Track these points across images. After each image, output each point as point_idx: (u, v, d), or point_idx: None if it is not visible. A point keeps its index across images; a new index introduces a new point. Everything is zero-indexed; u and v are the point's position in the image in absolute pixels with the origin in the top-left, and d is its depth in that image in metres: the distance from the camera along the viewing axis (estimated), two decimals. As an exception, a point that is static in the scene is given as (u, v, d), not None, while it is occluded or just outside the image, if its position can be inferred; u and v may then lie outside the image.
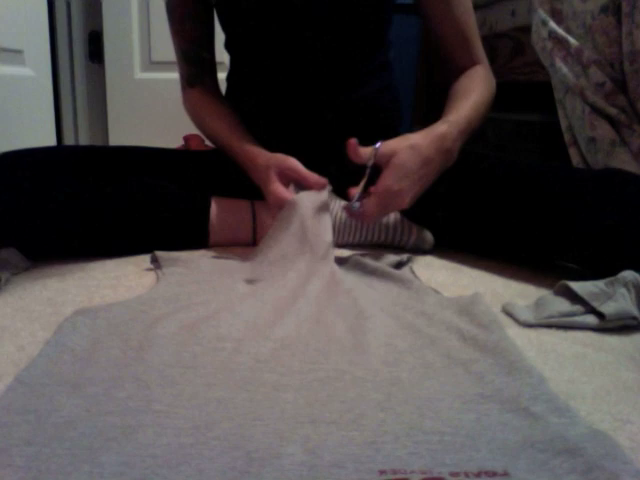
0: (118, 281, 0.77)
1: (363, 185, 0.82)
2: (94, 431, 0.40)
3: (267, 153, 0.90)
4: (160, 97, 2.13)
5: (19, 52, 1.64)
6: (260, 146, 0.93)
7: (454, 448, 0.39)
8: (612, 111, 1.09)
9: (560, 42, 1.19)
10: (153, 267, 0.81)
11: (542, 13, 1.25)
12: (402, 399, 0.46)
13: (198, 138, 1.80)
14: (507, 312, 0.68)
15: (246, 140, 0.95)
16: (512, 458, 0.38)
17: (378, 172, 0.81)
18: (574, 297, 0.66)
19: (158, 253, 0.82)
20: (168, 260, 0.80)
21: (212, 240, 0.94)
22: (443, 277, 0.82)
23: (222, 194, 0.96)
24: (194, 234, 0.93)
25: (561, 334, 0.63)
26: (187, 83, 1.05)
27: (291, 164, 0.86)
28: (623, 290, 0.64)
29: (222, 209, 0.94)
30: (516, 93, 1.65)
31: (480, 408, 0.45)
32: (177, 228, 0.91)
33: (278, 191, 0.84)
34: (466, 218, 0.91)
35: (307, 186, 0.85)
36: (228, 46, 1.06)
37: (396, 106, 1.11)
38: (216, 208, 0.94)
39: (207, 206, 0.93)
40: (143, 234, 0.89)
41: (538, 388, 0.47)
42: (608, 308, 0.63)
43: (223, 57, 1.10)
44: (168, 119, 1.96)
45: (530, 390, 0.47)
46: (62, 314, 0.61)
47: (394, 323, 0.60)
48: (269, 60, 1.00)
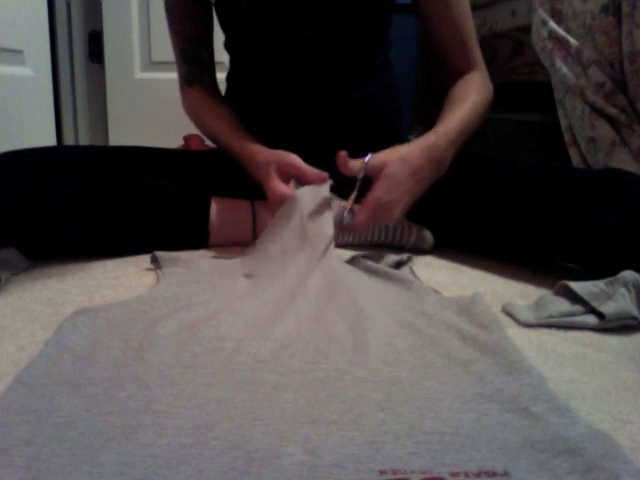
0: (118, 281, 0.77)
1: (354, 197, 0.83)
2: (94, 431, 0.40)
3: (267, 150, 0.90)
4: (160, 97, 2.13)
5: (19, 52, 1.64)
6: (260, 144, 0.93)
7: (454, 448, 0.39)
8: (612, 111, 1.09)
9: (560, 42, 1.19)
10: (153, 267, 0.81)
11: (542, 13, 1.25)
12: (402, 399, 0.46)
13: (198, 138, 1.80)
14: (507, 312, 0.68)
15: (246, 138, 0.95)
16: (512, 458, 0.38)
17: (369, 184, 0.81)
18: (574, 297, 0.66)
19: (158, 253, 0.82)
20: (168, 260, 0.80)
21: (212, 240, 0.94)
22: (443, 277, 0.82)
23: (222, 194, 0.96)
24: (194, 234, 0.93)
25: (561, 334, 0.63)
26: (186, 82, 1.05)
27: (291, 160, 0.86)
28: (623, 290, 0.64)
29: (222, 209, 0.94)
30: (516, 93, 1.65)
31: (480, 408, 0.45)
32: (177, 228, 0.91)
33: (278, 188, 0.84)
34: (466, 218, 0.91)
35: (307, 181, 0.85)
36: (228, 46, 1.06)
37: (396, 106, 1.11)
38: (216, 208, 0.94)
39: (207, 206, 0.93)
40: (143, 234, 0.89)
41: (538, 388, 0.47)
42: (608, 308, 0.63)
43: (223, 57, 1.10)
44: (168, 119, 1.96)
45: (530, 390, 0.47)
46: (62, 314, 0.61)
47: (394, 323, 0.60)
48: (269, 60, 1.00)
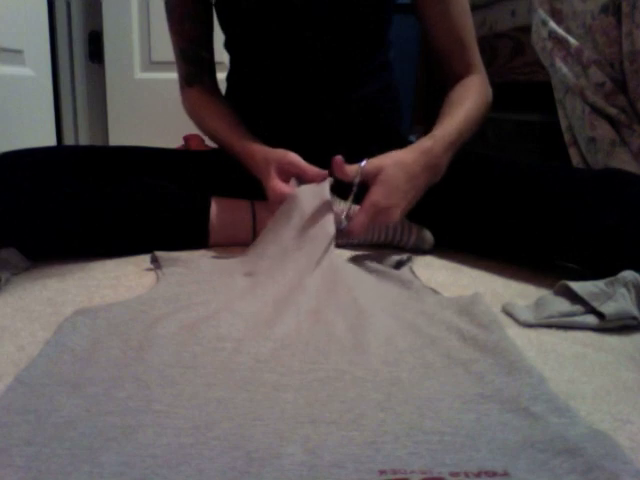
0: (118, 281, 0.77)
1: (350, 202, 0.82)
2: (94, 431, 0.40)
3: (267, 149, 0.90)
4: (160, 97, 2.12)
5: (19, 52, 1.64)
6: (260, 143, 0.93)
7: (454, 448, 0.39)
8: (612, 111, 1.09)
9: (560, 42, 1.19)
10: (153, 267, 0.81)
11: (542, 13, 1.25)
12: (402, 399, 0.46)
13: (198, 138, 1.80)
14: (507, 312, 0.68)
15: (246, 138, 0.95)
16: (512, 458, 0.38)
17: (365, 189, 0.81)
18: (574, 297, 0.66)
19: (158, 253, 0.82)
20: (168, 260, 0.80)
21: (212, 240, 0.94)
22: (443, 277, 0.82)
23: (222, 194, 0.96)
24: (194, 234, 0.93)
25: (561, 334, 0.63)
26: (186, 82, 1.05)
27: (291, 158, 0.86)
28: (623, 290, 0.64)
29: (222, 209, 0.94)
30: (516, 93, 1.65)
31: (480, 408, 0.45)
32: (177, 228, 0.91)
33: (278, 187, 0.84)
34: (466, 218, 0.91)
35: (307, 180, 0.85)
36: (228, 46, 1.06)
37: (396, 106, 1.11)
38: (216, 208, 0.94)
39: (207, 206, 0.93)
40: (143, 234, 0.89)
41: (538, 388, 0.47)
42: (608, 308, 0.63)
43: (223, 57, 1.10)
44: (168, 119, 1.95)
45: (530, 390, 0.47)
46: (62, 314, 0.61)
47: (394, 323, 0.60)
48: (269, 60, 1.00)
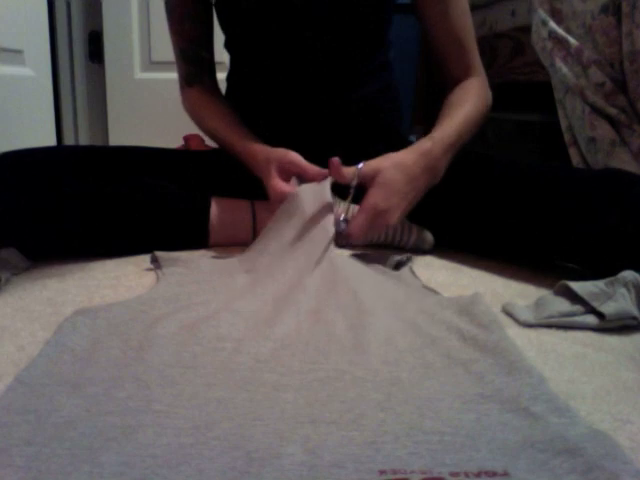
0: (118, 281, 0.77)
1: (348, 204, 0.82)
2: (94, 431, 0.40)
3: (267, 148, 0.90)
4: (160, 97, 2.12)
5: (19, 52, 1.64)
6: (261, 142, 0.93)
7: (454, 448, 0.39)
8: (612, 111, 1.09)
9: (560, 42, 1.19)
10: (153, 267, 0.81)
11: (542, 13, 1.25)
12: (402, 399, 0.46)
13: (198, 138, 1.80)
14: (507, 312, 0.68)
15: (247, 137, 0.95)
16: (512, 458, 0.38)
17: (363, 191, 0.81)
18: (574, 297, 0.66)
19: (158, 253, 0.81)
20: (168, 260, 0.80)
21: (212, 240, 0.94)
22: (443, 277, 0.82)
23: (222, 194, 0.96)
24: (194, 234, 0.93)
25: (561, 334, 0.63)
26: (186, 82, 1.05)
27: (292, 158, 0.86)
28: (623, 290, 0.64)
29: (222, 209, 0.94)
30: (516, 93, 1.65)
31: (480, 408, 0.45)
32: (177, 228, 0.91)
33: (278, 186, 0.84)
34: (466, 218, 0.91)
35: (308, 179, 0.85)
36: (228, 46, 1.06)
37: (396, 106, 1.11)
38: (216, 208, 0.94)
39: (207, 206, 0.93)
40: (143, 234, 0.89)
41: (538, 388, 0.47)
42: (608, 308, 0.63)
43: (223, 57, 1.10)
44: (168, 119, 1.95)
45: (530, 390, 0.47)
46: (62, 314, 0.61)
47: (394, 323, 0.60)
48: (269, 60, 1.00)
